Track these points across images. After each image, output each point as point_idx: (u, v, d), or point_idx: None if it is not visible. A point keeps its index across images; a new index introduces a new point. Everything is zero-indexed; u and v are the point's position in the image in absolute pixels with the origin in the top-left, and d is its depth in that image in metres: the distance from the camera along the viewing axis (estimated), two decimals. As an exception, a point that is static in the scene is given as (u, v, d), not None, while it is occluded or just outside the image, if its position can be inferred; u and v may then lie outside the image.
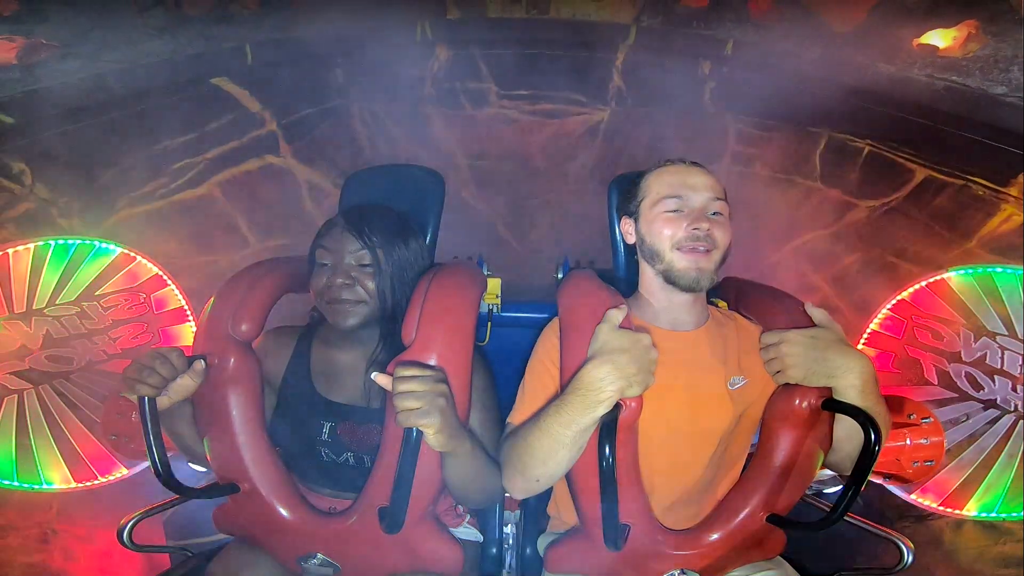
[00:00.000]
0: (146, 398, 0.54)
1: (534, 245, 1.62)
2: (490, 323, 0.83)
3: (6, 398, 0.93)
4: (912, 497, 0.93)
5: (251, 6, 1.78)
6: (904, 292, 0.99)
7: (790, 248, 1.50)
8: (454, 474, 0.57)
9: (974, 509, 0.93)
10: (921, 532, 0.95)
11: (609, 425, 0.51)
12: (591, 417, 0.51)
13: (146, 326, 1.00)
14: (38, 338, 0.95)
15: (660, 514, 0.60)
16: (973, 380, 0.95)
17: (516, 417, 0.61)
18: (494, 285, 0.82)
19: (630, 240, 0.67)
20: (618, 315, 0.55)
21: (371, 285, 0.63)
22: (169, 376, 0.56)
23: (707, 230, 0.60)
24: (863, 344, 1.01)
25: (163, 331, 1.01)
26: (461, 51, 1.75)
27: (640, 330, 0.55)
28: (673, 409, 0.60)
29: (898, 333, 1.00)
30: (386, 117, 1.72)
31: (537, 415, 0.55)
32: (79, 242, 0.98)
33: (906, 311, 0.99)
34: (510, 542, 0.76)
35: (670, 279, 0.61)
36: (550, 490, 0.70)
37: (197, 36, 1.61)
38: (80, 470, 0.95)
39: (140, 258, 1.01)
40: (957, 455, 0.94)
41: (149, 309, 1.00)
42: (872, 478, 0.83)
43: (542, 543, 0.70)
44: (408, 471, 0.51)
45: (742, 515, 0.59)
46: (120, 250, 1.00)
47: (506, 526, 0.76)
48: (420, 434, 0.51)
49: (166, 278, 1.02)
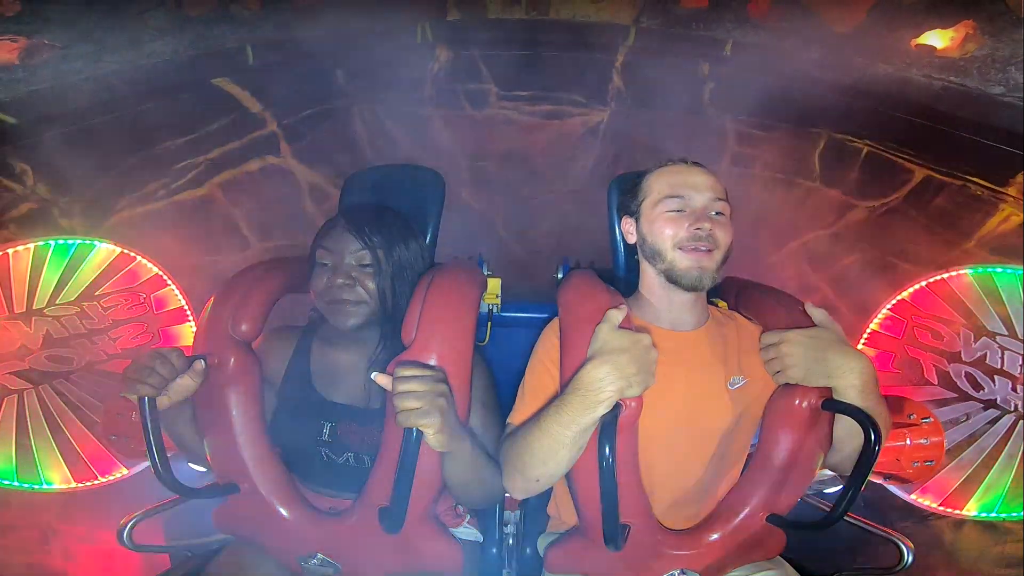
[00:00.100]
0: (146, 398, 0.54)
1: (534, 245, 1.62)
2: (490, 323, 0.83)
3: (6, 398, 0.93)
4: (912, 497, 0.93)
5: (252, 7, 1.79)
6: (904, 292, 0.99)
7: (789, 248, 1.50)
8: (454, 474, 0.57)
9: (974, 509, 0.93)
10: (921, 532, 0.95)
11: (609, 425, 0.51)
12: (591, 417, 0.51)
13: (146, 326, 1.00)
14: (38, 338, 0.95)
15: (660, 514, 0.60)
16: (973, 380, 0.95)
17: (516, 417, 0.61)
18: (494, 285, 0.82)
19: (631, 239, 0.67)
20: (618, 315, 0.55)
21: (371, 285, 0.63)
22: (169, 376, 0.56)
23: (709, 230, 0.60)
24: (863, 344, 1.01)
25: (163, 331, 1.01)
26: (461, 52, 1.75)
27: (640, 330, 0.56)
28: (673, 409, 0.60)
29: (898, 333, 1.00)
30: (386, 118, 1.73)
31: (537, 415, 0.55)
32: (79, 242, 0.99)
33: (906, 311, 0.99)
34: (510, 542, 0.76)
35: (672, 279, 0.61)
36: (550, 490, 0.70)
37: (198, 37, 1.62)
38: (80, 470, 0.95)
39: (140, 258, 1.01)
40: (957, 455, 0.94)
41: (149, 309, 1.00)
42: (872, 478, 0.83)
43: (542, 543, 0.70)
44: (408, 471, 0.51)
45: (742, 515, 0.59)
46: (120, 250, 1.00)
47: (506, 526, 0.76)
48: (420, 434, 0.51)
49: (166, 278, 1.02)
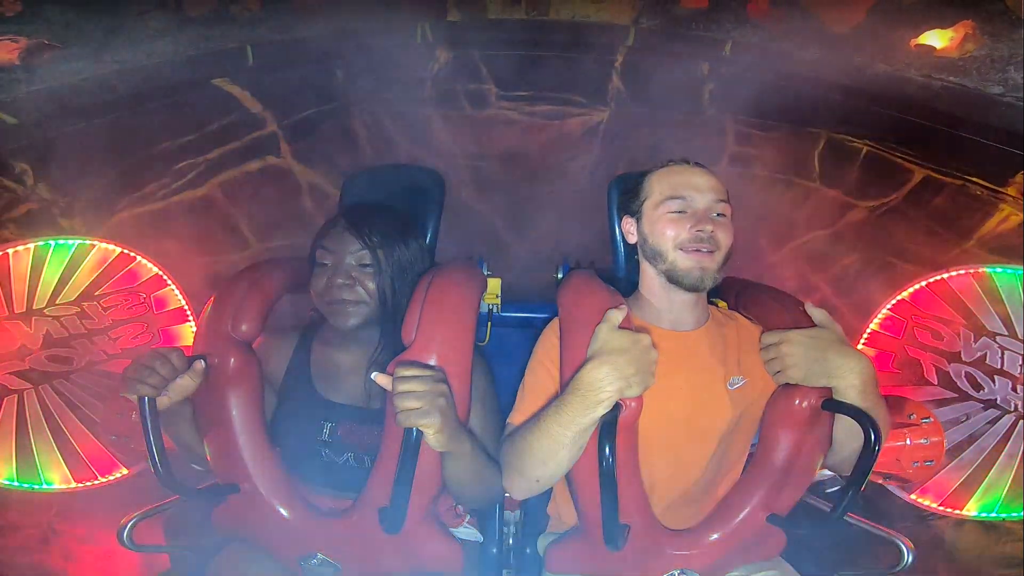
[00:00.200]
0: (146, 398, 0.54)
1: (534, 245, 1.62)
2: (490, 323, 0.83)
3: (6, 398, 0.93)
4: (912, 497, 0.93)
5: (252, 7, 1.79)
6: (904, 292, 0.99)
7: (789, 248, 1.50)
8: (454, 474, 0.57)
9: (974, 509, 0.93)
10: (921, 532, 0.95)
11: (609, 425, 0.51)
12: (590, 417, 0.51)
13: (146, 326, 1.00)
14: (38, 338, 0.95)
15: (660, 514, 0.60)
16: (973, 380, 0.95)
17: (516, 417, 0.61)
18: (494, 285, 0.82)
19: (631, 239, 0.67)
20: (618, 315, 0.55)
21: (371, 285, 0.63)
22: (169, 376, 0.56)
23: (711, 232, 0.60)
24: (863, 344, 1.01)
25: (163, 331, 1.01)
26: (461, 52, 1.75)
27: (640, 330, 0.56)
28: (673, 409, 0.60)
29: (898, 333, 1.00)
30: (386, 118, 1.73)
31: (537, 415, 0.55)
32: (79, 242, 0.99)
33: (906, 311, 0.99)
34: (510, 542, 0.76)
35: (673, 279, 0.61)
36: (550, 490, 0.69)
37: (198, 37, 1.62)
38: (80, 470, 0.95)
39: (140, 258, 1.01)
40: (957, 455, 0.94)
41: (149, 309, 1.00)
42: (872, 478, 0.83)
43: (542, 543, 0.70)
44: (408, 471, 0.51)
45: (742, 515, 0.59)
46: (120, 250, 1.00)
47: (506, 526, 0.76)
48: (420, 434, 0.51)
49: (166, 278, 1.02)
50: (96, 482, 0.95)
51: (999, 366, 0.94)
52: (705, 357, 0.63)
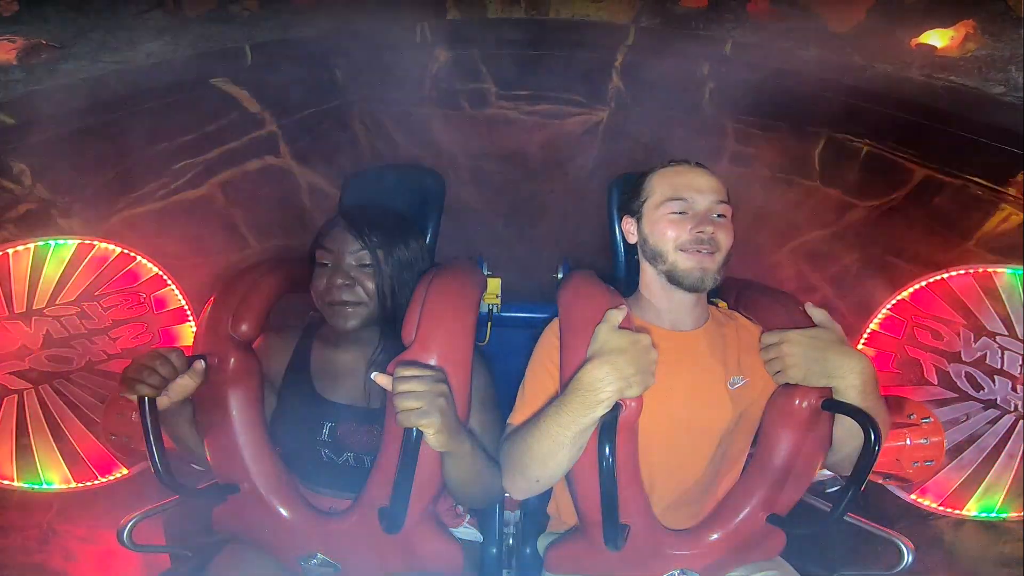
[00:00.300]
0: (146, 398, 0.54)
1: (534, 245, 1.62)
2: (490, 323, 0.83)
3: (6, 398, 0.93)
4: (912, 497, 0.93)
5: (251, 7, 1.79)
6: (904, 292, 0.99)
7: (789, 248, 1.50)
8: (454, 474, 0.57)
9: (974, 509, 0.93)
10: (921, 532, 0.95)
11: (609, 425, 0.51)
12: (590, 418, 0.51)
13: (146, 326, 1.00)
14: (38, 338, 0.94)
15: (660, 514, 0.60)
16: (973, 380, 0.95)
17: (516, 417, 0.61)
18: (494, 285, 0.83)
19: (632, 239, 0.67)
20: (617, 315, 0.55)
21: (371, 286, 0.63)
22: (169, 376, 0.56)
23: (711, 233, 0.60)
24: (863, 344, 1.01)
25: (163, 331, 1.01)
26: (460, 51, 1.75)
27: (640, 330, 0.56)
28: (673, 409, 0.60)
29: (898, 333, 1.00)
30: (385, 117, 1.72)
31: (537, 416, 0.55)
32: (79, 242, 0.98)
33: (906, 311, 0.99)
34: (510, 542, 0.76)
35: (674, 279, 0.62)
36: (550, 490, 0.70)
37: (197, 37, 1.62)
38: (80, 470, 0.95)
39: (140, 258, 1.01)
40: (957, 455, 0.94)
41: (149, 309, 1.00)
42: (872, 478, 0.83)
43: (542, 543, 0.70)
44: (408, 471, 0.51)
45: (742, 515, 0.59)
46: (120, 250, 1.00)
47: (506, 526, 0.76)
48: (420, 434, 0.51)
49: (166, 278, 1.02)
50: (96, 482, 0.95)
51: (999, 366, 0.93)
52: (705, 357, 0.63)
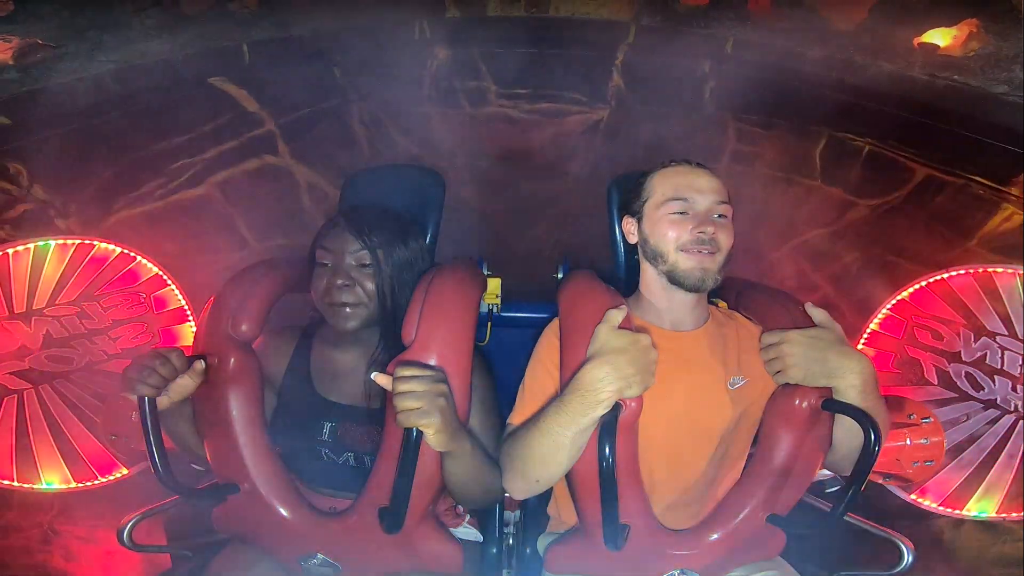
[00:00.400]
0: (146, 398, 0.54)
1: (534, 245, 1.62)
2: (490, 323, 0.83)
3: (6, 398, 0.93)
4: (912, 497, 0.93)
5: (249, 5, 1.78)
6: (904, 292, 0.99)
7: (790, 247, 1.50)
8: (454, 474, 0.57)
9: (974, 509, 0.93)
10: (921, 532, 0.95)
11: (609, 425, 0.51)
12: (590, 418, 0.51)
13: (146, 326, 1.00)
14: (38, 338, 0.94)
15: (660, 514, 0.60)
16: (973, 380, 0.95)
17: (516, 418, 0.61)
18: (494, 285, 0.82)
19: (632, 239, 0.67)
20: (617, 315, 0.55)
21: (371, 286, 0.63)
22: (169, 376, 0.56)
23: (712, 234, 0.60)
24: (863, 344, 1.01)
25: (163, 331, 1.01)
26: (460, 50, 1.74)
27: (640, 330, 0.55)
28: (673, 409, 0.60)
29: (898, 333, 0.99)
30: (384, 116, 1.72)
31: (537, 416, 0.55)
32: (79, 242, 0.98)
33: (906, 311, 0.99)
34: (510, 542, 0.76)
35: (674, 279, 0.61)
36: (550, 490, 0.69)
37: (194, 36, 1.61)
38: (80, 470, 0.95)
39: (140, 258, 1.00)
40: (957, 455, 0.94)
41: (149, 309, 1.00)
42: (872, 478, 0.83)
43: (542, 543, 0.70)
44: (408, 471, 0.51)
45: (742, 515, 0.59)
46: (120, 250, 1.00)
47: (506, 526, 0.76)
48: (420, 434, 0.51)
49: (166, 278, 1.01)
50: (96, 482, 0.95)
51: (999, 366, 0.93)
52: (705, 357, 0.62)
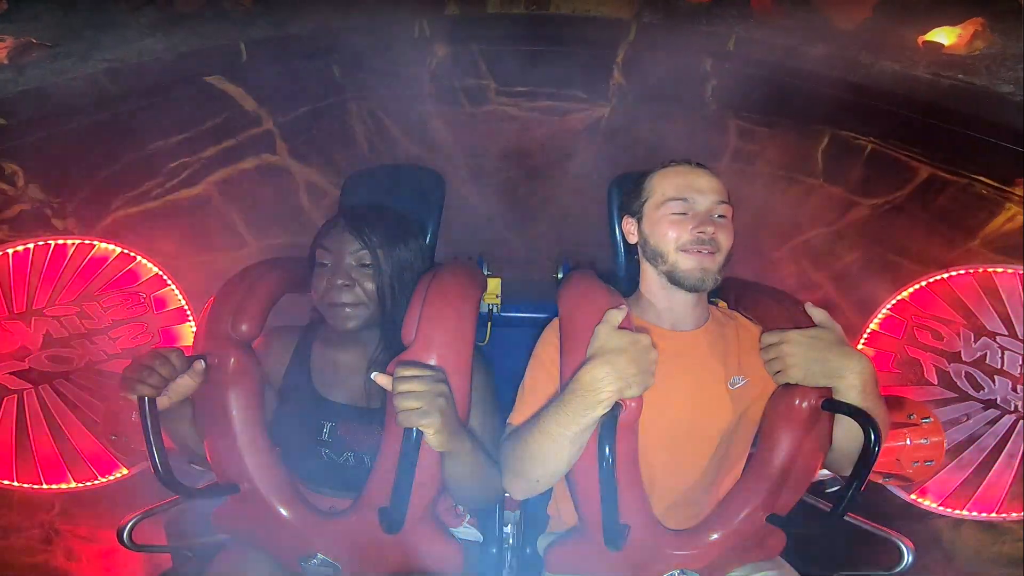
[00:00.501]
0: (146, 398, 0.54)
1: (534, 244, 1.62)
2: (490, 323, 0.83)
3: (6, 398, 0.93)
4: (912, 497, 0.93)
5: (245, 3, 1.76)
6: (904, 292, 0.99)
7: (791, 245, 1.50)
8: (454, 474, 0.57)
9: (974, 509, 0.93)
10: (921, 532, 0.96)
11: (609, 425, 0.51)
12: (590, 418, 0.51)
13: (146, 326, 1.00)
14: (38, 338, 0.94)
15: (660, 514, 0.60)
16: (973, 380, 0.95)
17: (516, 417, 0.61)
18: (494, 285, 0.82)
19: (632, 240, 0.67)
20: (617, 315, 0.55)
21: (371, 286, 0.63)
22: (169, 376, 0.56)
23: (712, 234, 0.60)
24: (863, 344, 1.01)
25: (163, 331, 1.01)
26: (460, 48, 1.73)
27: (640, 330, 0.55)
28: (673, 409, 0.60)
29: (898, 333, 0.99)
30: (384, 114, 1.71)
31: (537, 416, 0.55)
32: (79, 242, 0.98)
33: (906, 311, 0.99)
34: (510, 542, 0.76)
35: (674, 279, 0.61)
36: (550, 490, 0.69)
37: (190, 34, 1.59)
38: (80, 470, 0.95)
39: (140, 258, 1.00)
40: (957, 455, 0.94)
41: (149, 309, 1.00)
42: (872, 478, 0.83)
43: (542, 543, 0.70)
44: (408, 471, 0.51)
45: (742, 515, 0.59)
46: (120, 250, 0.99)
47: (506, 526, 0.76)
48: (420, 434, 0.51)
49: (166, 278, 1.01)
50: (96, 482, 0.95)
51: (999, 366, 0.93)
52: (705, 357, 0.62)
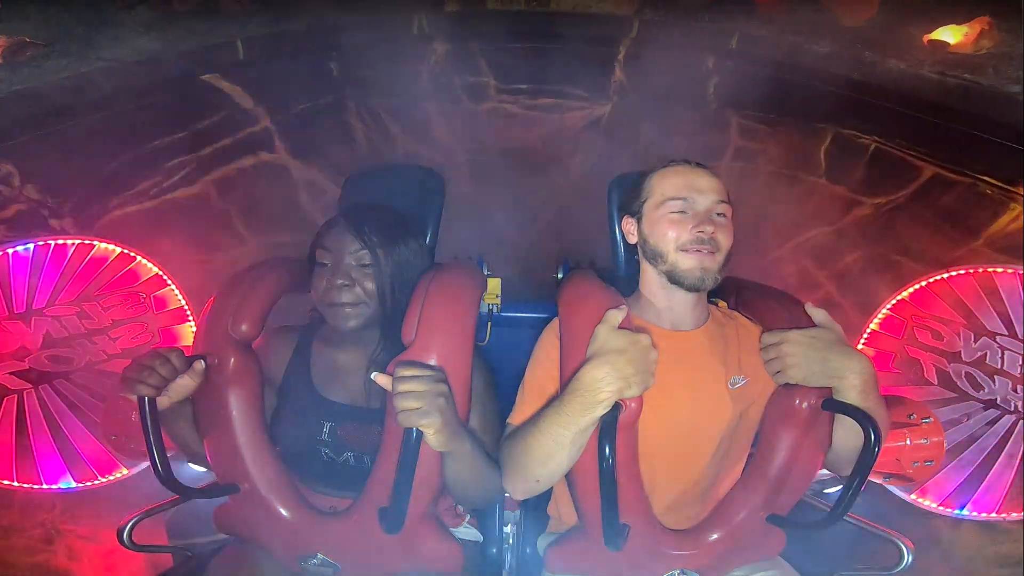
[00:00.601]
0: (146, 398, 0.54)
1: (534, 243, 1.61)
2: (490, 323, 0.82)
3: (6, 398, 0.93)
4: (912, 497, 0.94)
5: (240, 1, 1.74)
6: (904, 292, 0.98)
7: (793, 244, 1.49)
8: (454, 474, 0.57)
9: (974, 509, 0.94)
10: (921, 532, 0.96)
11: (609, 425, 0.51)
12: (590, 418, 0.51)
13: (146, 326, 1.00)
14: (38, 338, 0.94)
15: (660, 514, 0.60)
16: (973, 380, 0.95)
17: (516, 417, 0.61)
18: (494, 285, 0.82)
19: (632, 239, 0.66)
20: (617, 315, 0.55)
21: (371, 286, 0.63)
22: (169, 376, 0.56)
23: (711, 233, 0.59)
24: (863, 344, 1.01)
25: (163, 331, 1.01)
26: (459, 45, 1.72)
27: (640, 330, 0.55)
28: (673, 409, 0.60)
29: (898, 333, 0.99)
30: (382, 112, 1.70)
31: (537, 416, 0.55)
32: (79, 242, 0.98)
33: (906, 311, 0.99)
34: (510, 542, 0.77)
35: (674, 279, 0.61)
36: (550, 490, 0.70)
37: (186, 32, 1.58)
38: (80, 470, 0.95)
39: (140, 258, 1.00)
40: (957, 455, 0.94)
41: (149, 309, 1.00)
42: (872, 478, 0.83)
43: (542, 543, 0.70)
44: (408, 471, 0.51)
45: (742, 515, 0.59)
46: (120, 250, 0.99)
47: (506, 526, 0.77)
48: (420, 434, 0.51)
49: (166, 278, 1.01)
50: (96, 482, 0.95)
51: (999, 366, 0.93)
52: (706, 357, 0.62)
